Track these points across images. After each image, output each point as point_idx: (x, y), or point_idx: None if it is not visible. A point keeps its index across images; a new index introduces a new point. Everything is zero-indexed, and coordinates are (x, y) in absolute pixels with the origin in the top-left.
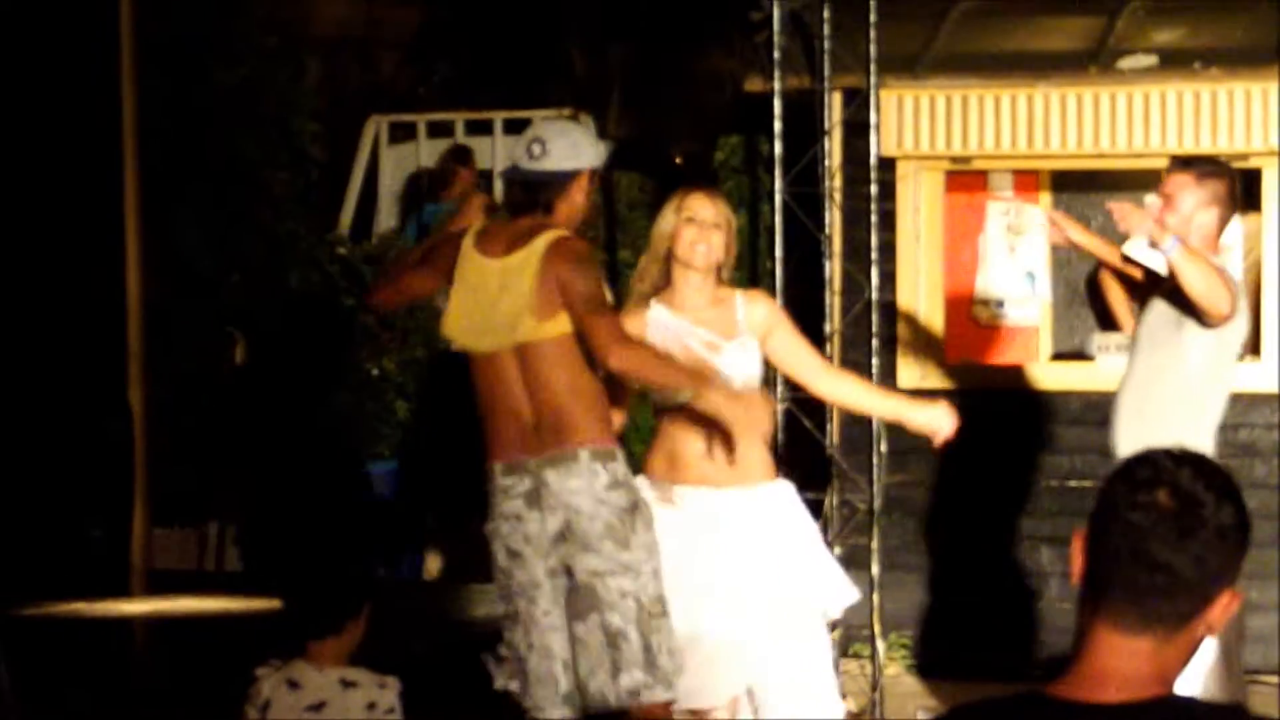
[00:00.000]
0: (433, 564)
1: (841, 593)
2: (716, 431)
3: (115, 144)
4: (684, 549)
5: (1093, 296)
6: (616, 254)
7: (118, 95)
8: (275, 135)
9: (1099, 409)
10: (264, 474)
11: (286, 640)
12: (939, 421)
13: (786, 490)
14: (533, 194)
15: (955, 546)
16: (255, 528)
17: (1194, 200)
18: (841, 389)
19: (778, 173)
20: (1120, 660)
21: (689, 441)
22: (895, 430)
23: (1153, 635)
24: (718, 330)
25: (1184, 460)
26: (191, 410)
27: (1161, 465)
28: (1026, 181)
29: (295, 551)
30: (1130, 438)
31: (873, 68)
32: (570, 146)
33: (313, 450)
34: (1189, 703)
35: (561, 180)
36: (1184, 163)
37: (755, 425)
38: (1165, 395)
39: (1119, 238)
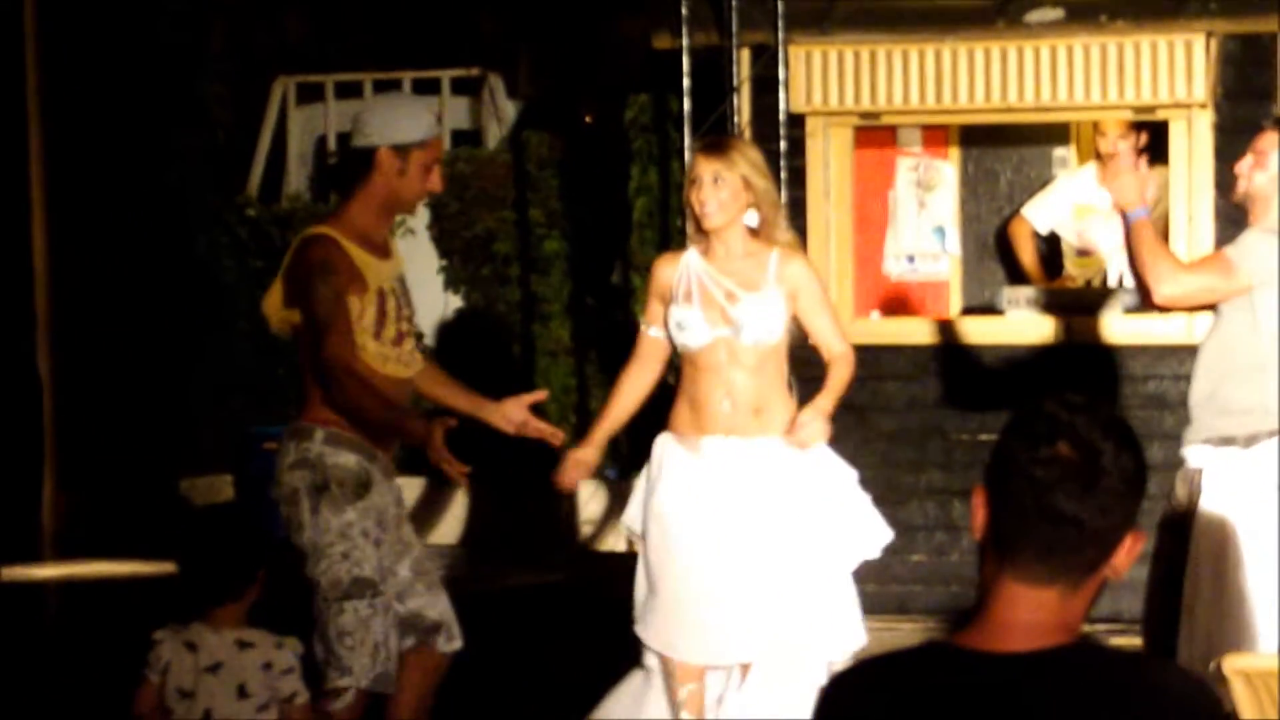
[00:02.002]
0: None
1: (875, 535)
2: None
3: (19, 108)
4: (709, 503)
5: (1003, 250)
6: (527, 212)
7: (21, 59)
8: (181, 97)
9: (1009, 362)
10: (165, 439)
11: (185, 604)
12: (814, 436)
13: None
14: (336, 178)
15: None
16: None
17: None
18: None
19: (687, 130)
20: (1027, 611)
21: (711, 391)
22: (807, 387)
23: (1060, 586)
24: (741, 281)
25: (1078, 409)
26: (102, 375)
27: (1058, 417)
28: (935, 136)
29: (192, 517)
30: (1206, 398)
31: (781, 24)
32: (366, 124)
33: (213, 415)
34: (1094, 648)
35: (353, 161)
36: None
37: (776, 376)
38: (1239, 357)
39: (1029, 193)
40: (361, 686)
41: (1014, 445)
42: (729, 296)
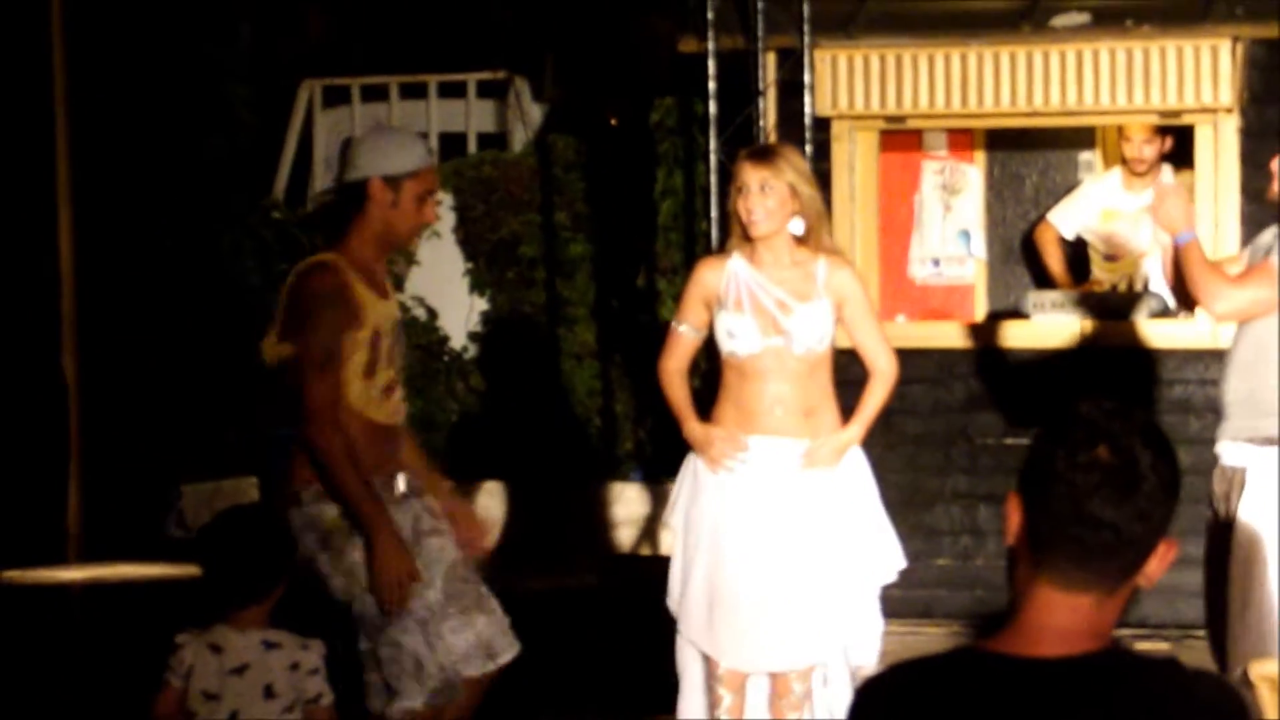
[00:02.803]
0: None
1: (894, 559)
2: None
3: (46, 111)
4: (759, 509)
5: (1029, 254)
6: (553, 215)
7: (49, 61)
8: (206, 100)
9: (1034, 367)
10: (196, 441)
11: (208, 606)
12: (822, 464)
13: (855, 450)
14: (332, 215)
15: (893, 505)
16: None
17: None
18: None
19: (712, 133)
20: (1061, 616)
21: (759, 397)
22: (841, 390)
23: (1095, 592)
24: (792, 291)
25: (1115, 414)
26: (127, 377)
27: (1096, 422)
28: (960, 140)
29: (218, 518)
30: (1244, 398)
31: (806, 27)
32: (356, 156)
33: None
34: (1125, 654)
35: (346, 196)
36: None
37: (825, 381)
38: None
39: (1055, 197)
40: (419, 708)
41: (1051, 450)
42: (781, 306)
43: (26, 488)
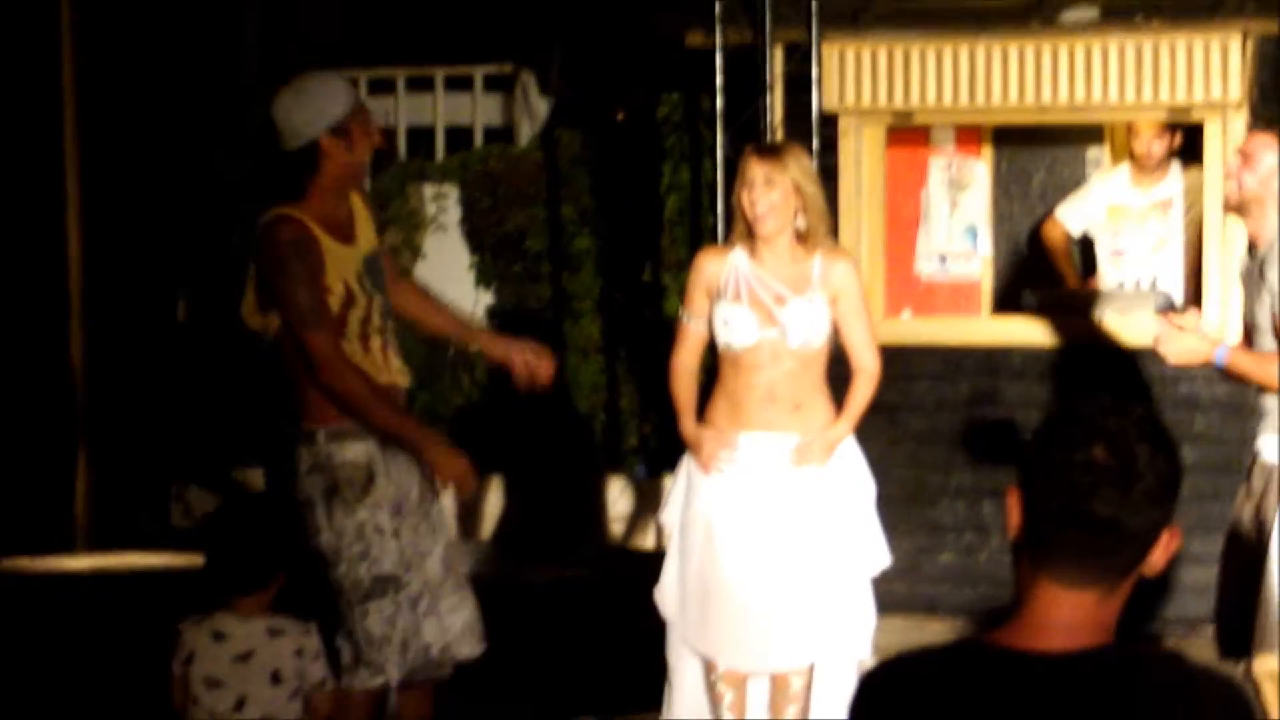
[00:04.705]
0: None
1: (879, 556)
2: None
3: (54, 93)
4: (750, 510)
5: (1035, 251)
6: (559, 209)
7: (57, 46)
8: (218, 90)
9: (1040, 363)
10: (206, 431)
11: (208, 594)
12: (812, 462)
13: (847, 443)
14: (288, 179)
15: (898, 501)
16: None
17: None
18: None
19: (719, 128)
20: (1064, 612)
21: (751, 389)
22: (842, 386)
23: (1098, 588)
24: (789, 284)
25: (1111, 411)
26: (134, 367)
27: (1092, 420)
28: (969, 136)
29: (222, 507)
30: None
31: (814, 22)
32: (293, 123)
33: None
34: (1130, 649)
35: (299, 164)
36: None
37: (818, 376)
38: None
39: (1063, 193)
40: (394, 683)
41: (1048, 449)
42: (777, 299)
43: (34, 476)
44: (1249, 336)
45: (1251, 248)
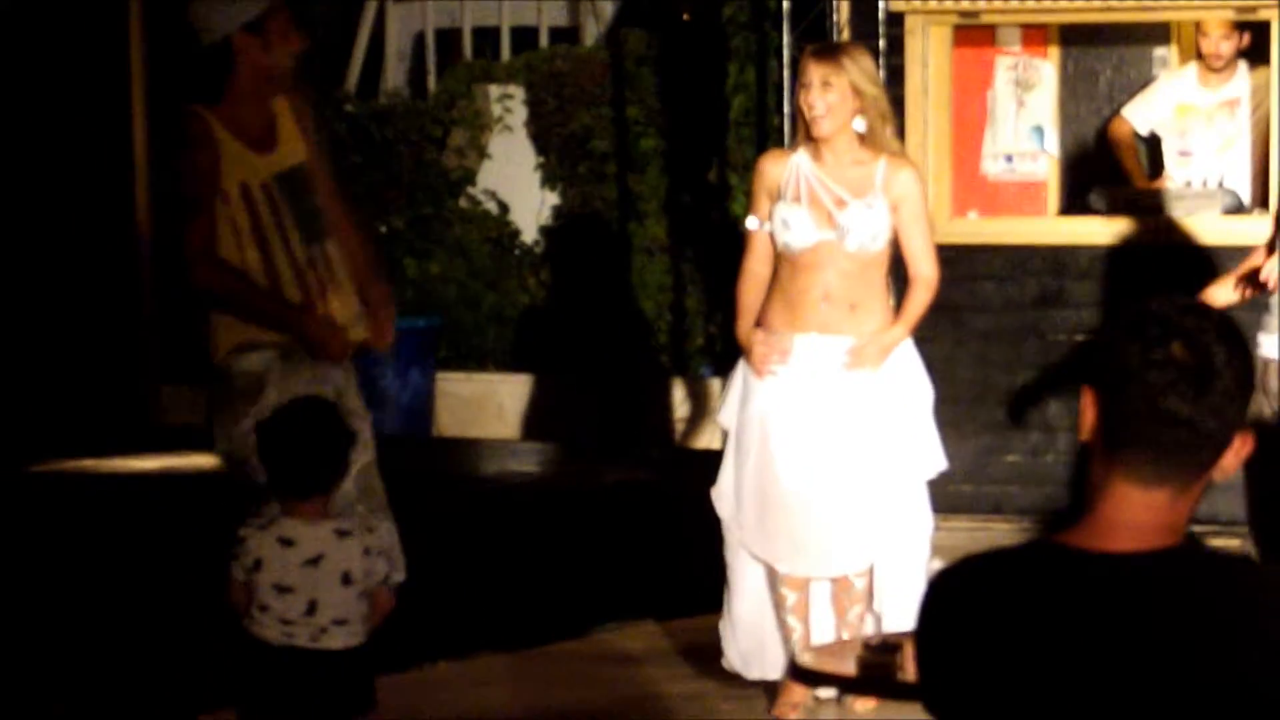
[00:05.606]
0: (445, 420)
1: (935, 459)
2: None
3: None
4: (806, 413)
5: (1102, 151)
6: (625, 110)
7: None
8: None
9: (1105, 262)
10: None
11: (272, 497)
12: (867, 365)
13: (905, 347)
14: (200, 89)
15: (964, 401)
16: None
17: None
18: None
19: (785, 28)
20: (1136, 512)
21: (808, 290)
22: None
23: (1171, 487)
24: (850, 188)
25: (1188, 310)
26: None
27: (1169, 318)
28: (1034, 36)
29: (279, 411)
30: None
31: None
32: (208, 20)
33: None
34: (1200, 551)
35: (214, 62)
36: None
37: (877, 279)
38: None
39: (1129, 93)
40: None
41: (1125, 347)
42: (837, 202)
43: (103, 377)
44: None
45: None
